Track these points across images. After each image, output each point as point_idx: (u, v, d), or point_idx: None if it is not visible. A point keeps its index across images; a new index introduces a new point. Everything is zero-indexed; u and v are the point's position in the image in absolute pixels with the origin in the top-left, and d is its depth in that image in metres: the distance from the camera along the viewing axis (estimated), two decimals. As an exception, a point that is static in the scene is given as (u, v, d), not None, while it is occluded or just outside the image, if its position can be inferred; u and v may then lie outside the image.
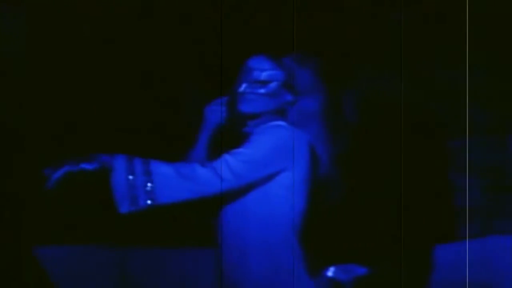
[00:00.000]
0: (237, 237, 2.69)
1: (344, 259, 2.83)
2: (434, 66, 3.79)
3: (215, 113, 2.85)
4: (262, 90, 2.73)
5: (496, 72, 3.40)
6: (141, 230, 3.92)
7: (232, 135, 2.82)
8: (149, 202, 2.53)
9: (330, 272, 2.64)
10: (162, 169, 2.56)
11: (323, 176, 2.76)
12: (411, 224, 3.73)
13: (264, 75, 2.74)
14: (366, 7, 3.85)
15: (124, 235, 3.93)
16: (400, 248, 3.65)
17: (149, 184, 2.53)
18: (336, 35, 3.84)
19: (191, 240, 3.79)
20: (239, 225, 2.69)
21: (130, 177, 2.54)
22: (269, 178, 2.65)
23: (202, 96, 3.04)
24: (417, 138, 3.77)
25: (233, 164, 2.58)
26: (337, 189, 2.83)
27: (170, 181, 2.54)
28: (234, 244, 2.70)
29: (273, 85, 2.74)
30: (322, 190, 2.77)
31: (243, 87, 2.74)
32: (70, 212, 3.93)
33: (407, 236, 3.70)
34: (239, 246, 2.68)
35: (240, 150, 2.63)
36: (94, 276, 3.91)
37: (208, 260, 2.92)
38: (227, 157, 2.60)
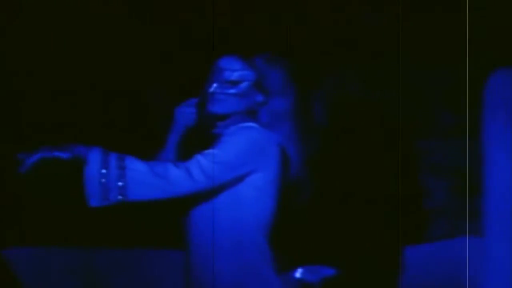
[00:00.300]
0: (206, 238, 2.69)
1: (313, 260, 2.83)
2: (403, 67, 3.81)
3: (185, 114, 2.85)
4: (232, 90, 2.73)
5: (464, 75, 3.43)
6: (110, 230, 3.90)
7: (202, 137, 2.82)
8: (120, 197, 2.52)
9: (298, 273, 2.64)
10: (136, 166, 2.55)
11: (293, 177, 2.76)
12: (381, 225, 3.74)
13: (234, 75, 2.74)
14: (338, 8, 3.86)
15: (93, 234, 3.91)
16: (370, 249, 3.66)
17: (121, 180, 2.53)
18: (308, 35, 3.85)
19: (160, 240, 3.78)
20: (208, 226, 2.69)
21: (103, 170, 2.53)
22: (240, 179, 2.65)
23: (171, 97, 3.03)
24: (386, 139, 3.79)
25: (205, 165, 2.58)
26: (307, 190, 2.84)
27: (143, 178, 2.53)
28: (203, 245, 2.69)
29: (243, 85, 2.74)
30: (292, 191, 2.77)
31: (213, 87, 2.73)
32: (39, 209, 3.91)
33: (376, 237, 3.72)
34: (208, 247, 2.68)
35: (212, 151, 2.63)
36: (63, 277, 3.89)
37: (177, 261, 2.91)
38: (199, 157, 2.59)
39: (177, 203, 2.65)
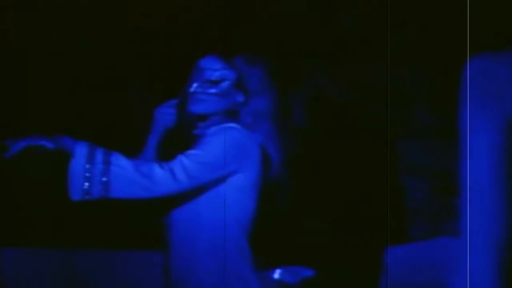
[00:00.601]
0: (187, 239, 2.68)
1: (293, 260, 2.83)
2: (383, 67, 3.81)
3: (165, 115, 2.84)
4: (213, 90, 2.72)
5: (444, 75, 3.44)
6: (89, 230, 3.89)
7: (182, 137, 2.81)
8: (102, 193, 2.51)
9: (276, 274, 2.64)
10: (122, 162, 2.54)
11: (274, 177, 2.76)
12: (361, 225, 3.75)
13: (215, 75, 2.74)
14: (316, 8, 3.87)
15: (72, 235, 3.89)
16: (350, 250, 3.66)
17: (105, 175, 2.51)
18: (289, 36, 3.85)
19: (139, 241, 3.76)
20: (189, 227, 2.68)
21: (88, 165, 2.52)
22: (222, 179, 2.65)
23: (152, 98, 3.02)
24: (365, 140, 3.79)
25: (188, 166, 2.57)
26: (287, 190, 2.84)
27: (127, 176, 2.52)
28: (183, 245, 2.69)
29: (224, 84, 2.73)
30: (273, 191, 2.77)
31: (194, 87, 2.73)
32: (18, 206, 3.89)
33: (357, 238, 3.72)
34: (188, 248, 2.68)
35: (195, 151, 2.63)
36: (42, 278, 3.87)
37: (156, 262, 2.90)
38: (182, 158, 2.59)
39: (158, 203, 2.65)
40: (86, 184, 2.51)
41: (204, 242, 2.67)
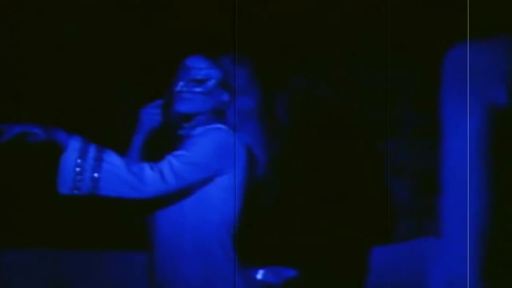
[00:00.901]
0: (171, 240, 2.68)
1: (277, 260, 2.84)
2: (367, 67, 3.82)
3: (151, 115, 2.84)
4: (198, 89, 2.72)
5: (426, 75, 3.45)
6: (73, 230, 3.88)
7: (168, 138, 2.81)
8: (91, 190, 2.49)
9: (259, 274, 2.64)
10: (114, 160, 2.53)
11: (259, 177, 2.77)
12: (346, 225, 3.75)
13: (201, 74, 2.74)
14: (302, 8, 3.87)
15: (56, 235, 3.89)
16: (334, 251, 3.67)
17: (96, 171, 2.50)
18: (271, 36, 3.86)
19: (124, 242, 3.76)
20: (174, 227, 2.68)
21: (79, 160, 2.51)
22: (209, 180, 2.65)
23: (137, 98, 3.01)
24: (349, 139, 3.80)
25: (176, 167, 2.57)
26: (272, 190, 2.84)
27: (118, 174, 2.51)
28: (168, 246, 2.68)
29: (210, 83, 2.73)
30: (259, 191, 2.78)
31: (179, 86, 2.73)
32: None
33: (342, 238, 3.73)
34: (173, 248, 2.67)
35: (183, 152, 2.62)
36: (26, 278, 3.86)
37: (140, 263, 2.90)
38: (171, 159, 2.58)
39: (144, 203, 2.65)
40: (76, 178, 2.51)
41: (189, 243, 2.67)
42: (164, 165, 2.57)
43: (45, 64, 3.94)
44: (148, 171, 2.54)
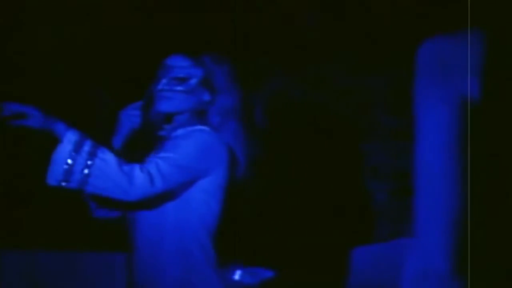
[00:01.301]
0: (151, 241, 2.68)
1: (256, 261, 2.84)
2: (344, 70, 3.84)
3: (131, 117, 2.83)
4: (180, 87, 2.72)
5: (402, 77, 3.46)
6: (49, 231, 3.87)
7: (148, 140, 2.81)
8: (80, 184, 2.48)
9: (236, 275, 2.65)
10: (108, 157, 2.50)
11: (240, 178, 2.77)
12: (325, 227, 3.76)
13: (182, 72, 2.73)
14: (281, 10, 3.88)
15: (34, 236, 3.88)
16: (314, 251, 3.68)
17: (88, 167, 2.49)
18: (249, 37, 3.86)
19: (103, 243, 3.75)
20: (155, 229, 2.68)
21: (73, 153, 2.50)
22: (192, 183, 2.65)
23: (116, 100, 3.00)
24: (328, 141, 3.81)
25: (163, 169, 2.55)
26: (252, 191, 2.85)
27: (108, 173, 2.48)
28: (148, 248, 2.68)
29: (191, 82, 2.73)
30: (239, 192, 2.78)
31: (161, 84, 2.73)
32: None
33: (321, 239, 3.73)
34: (153, 250, 2.67)
35: (169, 154, 2.60)
36: (4, 279, 3.85)
37: (119, 264, 2.90)
38: (159, 162, 2.56)
39: (128, 205, 2.65)
40: (67, 170, 2.50)
41: (169, 244, 2.66)
42: (152, 167, 2.56)
43: (22, 64, 3.93)
44: (138, 172, 2.51)
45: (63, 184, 2.48)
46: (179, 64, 2.73)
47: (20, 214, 3.83)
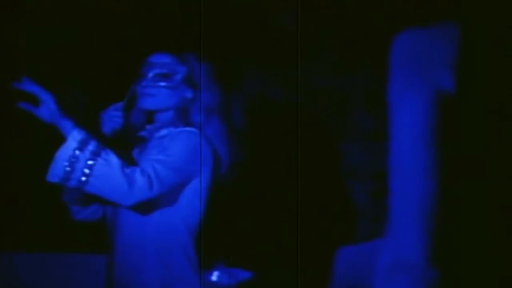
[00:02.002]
0: (133, 243, 2.67)
1: (236, 262, 2.84)
2: (323, 70, 3.83)
3: (112, 118, 2.82)
4: (164, 83, 2.72)
5: (380, 78, 3.46)
6: (30, 232, 3.86)
7: (131, 141, 2.80)
8: (80, 183, 2.47)
9: (213, 276, 2.64)
10: (111, 158, 2.50)
11: (223, 178, 2.76)
12: (305, 228, 3.76)
13: (166, 68, 2.73)
14: (259, 12, 3.88)
15: (14, 237, 3.86)
16: (294, 252, 3.67)
17: (89, 167, 2.48)
18: (227, 37, 3.86)
19: (82, 244, 3.73)
20: (137, 231, 2.67)
21: (77, 151, 2.49)
22: (184, 185, 2.64)
23: (98, 100, 2.99)
24: (306, 142, 3.81)
25: (160, 172, 2.55)
26: (234, 191, 2.85)
27: (110, 174, 2.47)
28: (129, 249, 2.67)
29: (175, 78, 2.73)
30: (222, 191, 2.77)
31: (144, 81, 2.72)
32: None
33: (301, 239, 3.73)
34: (135, 251, 2.66)
35: (162, 157, 2.60)
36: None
37: (98, 266, 2.89)
38: (155, 165, 2.55)
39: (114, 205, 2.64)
40: (68, 168, 2.49)
41: (150, 246, 2.65)
42: (150, 170, 2.56)
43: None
44: (138, 176, 2.50)
45: (64, 182, 2.47)
46: (163, 60, 2.74)
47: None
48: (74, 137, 2.49)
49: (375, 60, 3.48)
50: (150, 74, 2.72)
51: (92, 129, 2.78)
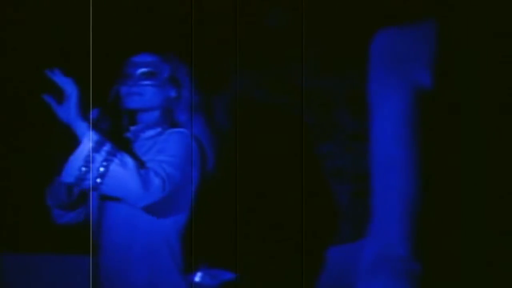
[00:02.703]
0: (121, 244, 2.67)
1: (219, 263, 2.84)
2: (307, 71, 3.84)
3: (101, 119, 2.80)
4: (150, 82, 2.72)
5: (363, 78, 3.48)
6: (15, 233, 3.85)
7: (118, 142, 2.80)
8: (95, 183, 2.48)
9: (197, 277, 2.65)
10: (127, 159, 2.51)
11: (208, 177, 2.77)
12: (289, 228, 3.77)
13: (151, 67, 2.74)
14: (242, 12, 3.88)
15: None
16: (277, 253, 3.68)
17: (105, 165, 2.49)
18: (213, 36, 3.87)
19: (67, 245, 3.73)
20: (125, 232, 2.67)
21: (93, 153, 2.49)
22: (184, 187, 2.65)
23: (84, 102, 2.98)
24: (290, 142, 3.82)
25: (170, 173, 2.56)
26: (220, 188, 2.85)
27: (125, 174, 2.49)
28: (117, 249, 2.68)
29: (161, 76, 2.74)
30: (208, 189, 2.78)
31: (129, 82, 2.73)
32: None
33: (285, 240, 3.74)
34: (122, 253, 2.66)
35: (166, 158, 2.61)
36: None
37: (84, 266, 2.89)
38: (164, 165, 2.57)
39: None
40: (84, 169, 2.49)
41: (139, 247, 2.66)
42: (161, 171, 2.55)
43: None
44: (153, 177, 2.52)
45: (78, 182, 2.47)
46: (147, 60, 2.75)
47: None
48: (90, 138, 2.50)
49: (358, 60, 3.50)
50: (133, 75, 2.73)
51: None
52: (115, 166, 2.48)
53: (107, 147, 2.51)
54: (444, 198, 1.21)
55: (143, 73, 2.74)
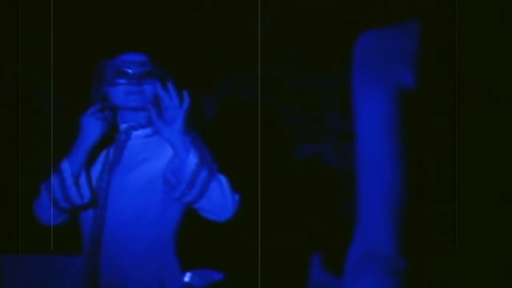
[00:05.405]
0: (117, 246, 2.68)
1: (208, 265, 2.84)
2: (295, 71, 3.85)
3: (99, 120, 2.79)
4: (147, 80, 2.73)
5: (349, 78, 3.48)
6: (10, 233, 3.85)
7: (110, 142, 2.80)
8: (196, 197, 2.58)
9: (186, 278, 2.65)
10: (221, 177, 2.63)
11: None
12: (277, 229, 3.77)
13: (143, 66, 2.75)
14: (227, 13, 3.89)
15: None
16: (266, 254, 3.68)
17: (207, 181, 2.57)
18: (196, 38, 3.87)
19: (60, 246, 3.72)
20: (121, 231, 2.67)
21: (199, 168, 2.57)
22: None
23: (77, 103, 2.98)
24: (278, 142, 3.82)
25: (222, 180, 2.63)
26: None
27: (222, 190, 2.62)
28: (114, 251, 2.68)
29: (153, 76, 2.75)
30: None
31: (121, 81, 2.73)
32: None
33: (274, 241, 3.74)
34: (119, 254, 2.67)
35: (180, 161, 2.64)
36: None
37: (76, 268, 2.89)
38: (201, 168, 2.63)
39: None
40: (190, 183, 2.57)
41: (136, 248, 2.66)
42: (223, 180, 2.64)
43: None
44: (230, 190, 2.64)
45: (182, 196, 2.55)
46: (137, 59, 2.75)
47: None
48: (194, 153, 2.56)
49: (345, 60, 3.51)
50: (130, 72, 2.73)
51: (74, 132, 2.78)
52: (214, 183, 2.58)
53: (208, 164, 2.58)
54: (429, 196, 1.23)
55: (142, 72, 2.75)
